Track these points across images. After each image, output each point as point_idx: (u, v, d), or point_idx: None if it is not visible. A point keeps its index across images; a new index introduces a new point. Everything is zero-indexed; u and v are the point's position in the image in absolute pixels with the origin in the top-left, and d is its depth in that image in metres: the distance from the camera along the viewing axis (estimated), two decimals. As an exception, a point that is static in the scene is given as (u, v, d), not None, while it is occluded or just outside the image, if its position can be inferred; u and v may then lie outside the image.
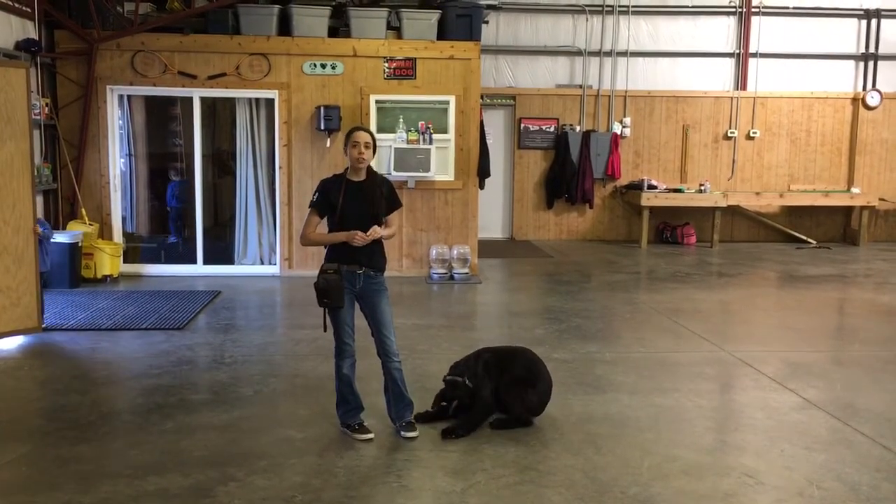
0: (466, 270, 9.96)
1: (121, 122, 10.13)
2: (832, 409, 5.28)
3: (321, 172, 9.86)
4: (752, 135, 14.00)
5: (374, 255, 4.68)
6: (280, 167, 9.98)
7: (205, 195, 10.24)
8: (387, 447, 4.58)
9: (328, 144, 9.90)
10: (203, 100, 10.03)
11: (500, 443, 4.62)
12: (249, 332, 7.35)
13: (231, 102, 10.23)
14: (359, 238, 4.55)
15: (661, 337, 7.22)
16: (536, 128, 13.79)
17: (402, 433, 4.69)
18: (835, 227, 14.23)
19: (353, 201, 4.62)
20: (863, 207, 13.67)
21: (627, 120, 13.83)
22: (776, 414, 5.21)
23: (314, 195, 4.71)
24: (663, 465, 4.33)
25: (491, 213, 13.60)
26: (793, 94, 14.02)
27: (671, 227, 13.76)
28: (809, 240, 13.77)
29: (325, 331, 4.67)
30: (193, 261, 10.20)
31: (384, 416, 4.87)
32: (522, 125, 13.77)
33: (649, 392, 5.63)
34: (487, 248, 11.99)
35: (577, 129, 13.73)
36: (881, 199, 13.83)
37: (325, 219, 4.75)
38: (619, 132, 13.79)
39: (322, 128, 9.72)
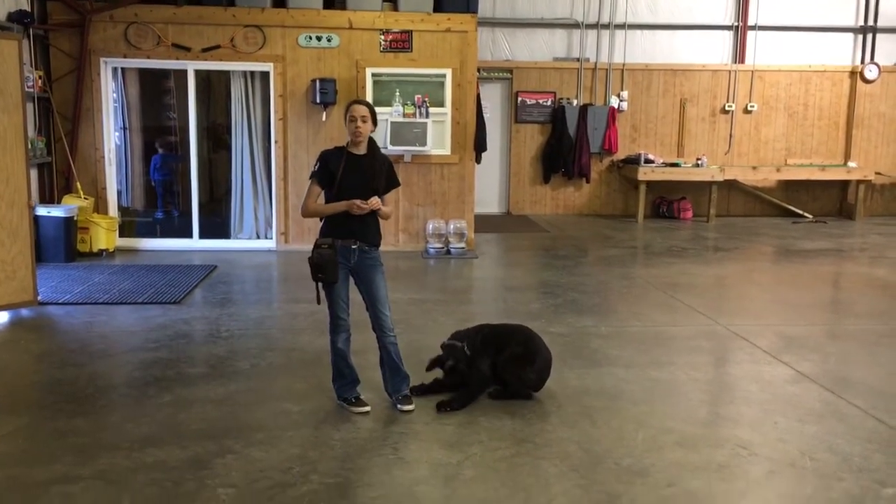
0: (463, 245, 9.96)
1: (115, 95, 10.06)
2: (826, 381, 5.32)
3: (317, 146, 9.85)
4: (749, 109, 13.96)
5: (369, 229, 4.67)
6: (276, 141, 9.94)
7: (200, 169, 10.21)
8: (383, 420, 4.61)
9: (324, 118, 9.85)
10: (197, 72, 9.96)
11: (496, 416, 4.65)
12: (246, 306, 7.36)
13: (226, 75, 10.16)
14: (357, 206, 4.52)
15: (657, 311, 7.24)
16: (533, 101, 13.72)
17: (399, 406, 4.71)
18: (831, 202, 14.24)
19: (353, 174, 4.60)
20: (859, 181, 13.67)
21: (625, 94, 13.76)
22: (770, 387, 5.24)
23: (315, 165, 4.69)
24: (658, 438, 4.36)
25: (487, 188, 13.58)
26: (791, 67, 13.96)
27: (668, 201, 13.75)
28: (806, 214, 13.78)
29: (318, 303, 4.68)
30: (189, 235, 10.19)
31: (381, 389, 4.89)
32: (519, 99, 13.70)
33: (644, 365, 5.65)
34: (484, 223, 11.98)
35: (575, 102, 13.67)
36: (877, 174, 13.83)
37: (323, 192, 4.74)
38: (616, 106, 13.73)
39: (318, 101, 9.67)
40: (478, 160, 11.02)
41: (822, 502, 3.70)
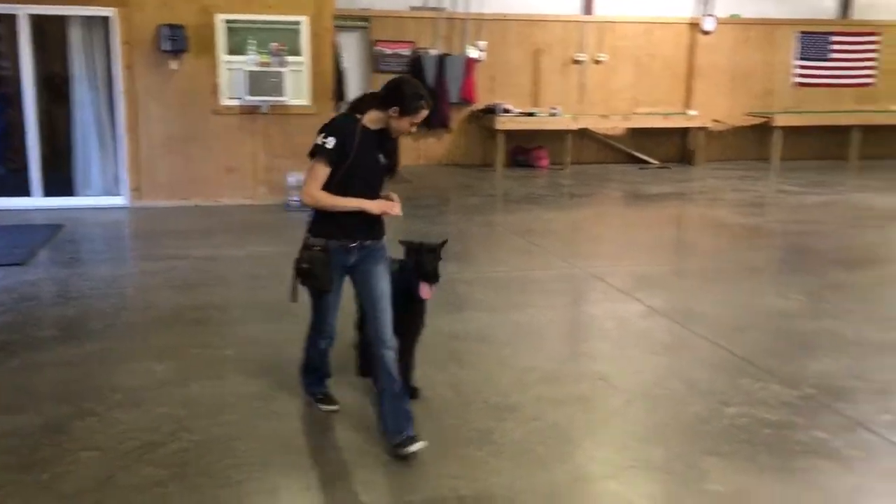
0: (325, 197, 9.83)
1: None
2: (674, 315, 5.69)
3: (168, 97, 9.41)
4: (599, 59, 14.42)
5: (377, 221, 3.79)
6: (122, 91, 9.38)
7: (40, 123, 9.48)
8: (254, 373, 4.54)
9: (175, 66, 9.37)
10: (31, 17, 9.20)
11: (366, 363, 4.68)
12: (96, 265, 7.02)
13: (63, 21, 9.44)
14: (388, 208, 3.69)
15: (517, 256, 7.48)
16: (392, 51, 13.60)
17: (403, 451, 3.54)
18: (674, 148, 15.02)
19: (368, 153, 3.66)
20: (698, 129, 14.48)
21: (482, 44, 13.87)
22: (624, 323, 5.56)
23: (325, 138, 3.58)
24: (522, 376, 4.55)
25: (347, 139, 13.40)
26: (636, 18, 14.48)
27: (525, 150, 14.08)
28: (652, 160, 14.48)
29: (293, 300, 3.85)
30: (29, 193, 9.50)
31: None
32: (377, 48, 13.55)
33: (507, 309, 5.84)
34: (345, 174, 11.86)
35: (433, 52, 13.66)
36: (715, 121, 14.67)
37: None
38: (474, 56, 13.83)
39: (167, 49, 9.18)
40: (338, 110, 10.86)
41: (674, 425, 4.00)
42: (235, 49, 9.55)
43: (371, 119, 3.66)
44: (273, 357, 4.78)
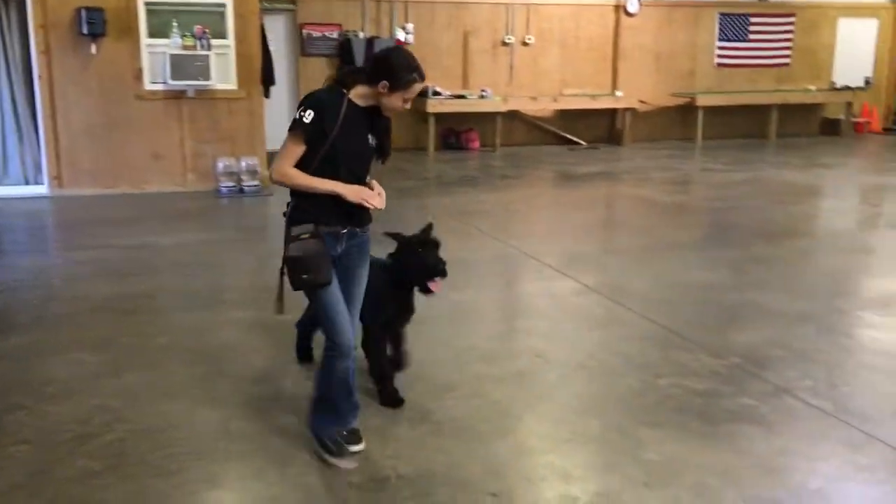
0: (257, 183, 9.68)
1: None
2: (606, 291, 5.82)
3: (89, 82, 9.11)
4: (527, 41, 14.53)
5: (362, 207, 3.33)
6: (39, 76, 9.03)
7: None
8: (189, 362, 4.48)
9: (93, 51, 9.06)
10: (-63, -1, 8.79)
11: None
12: (20, 256, 6.79)
13: (-28, 2, 9.04)
14: (367, 200, 3.24)
15: (452, 238, 7.48)
16: (320, 34, 13.44)
17: (346, 446, 3.41)
18: (602, 129, 15.26)
19: (355, 132, 3.24)
20: (625, 109, 14.76)
21: (410, 26, 13.81)
22: (559, 300, 5.66)
23: (303, 112, 3.14)
24: (462, 355, 4.60)
25: (279, 124, 13.06)
26: (562, 1, 14.63)
27: (456, 132, 14.13)
28: (580, 141, 14.70)
29: (279, 311, 3.37)
30: (-59, 183, 9.11)
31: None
32: (305, 31, 13.37)
33: (445, 289, 5.83)
34: (275, 159, 11.71)
35: (361, 35, 13.55)
36: (641, 102, 14.97)
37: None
38: (402, 39, 13.77)
39: (85, 32, 8.87)
40: (266, 94, 10.70)
41: (609, 398, 4.11)
42: (158, 32, 9.28)
43: (359, 94, 3.24)
44: (207, 344, 4.72)
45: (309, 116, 3.13)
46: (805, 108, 15.79)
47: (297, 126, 3.15)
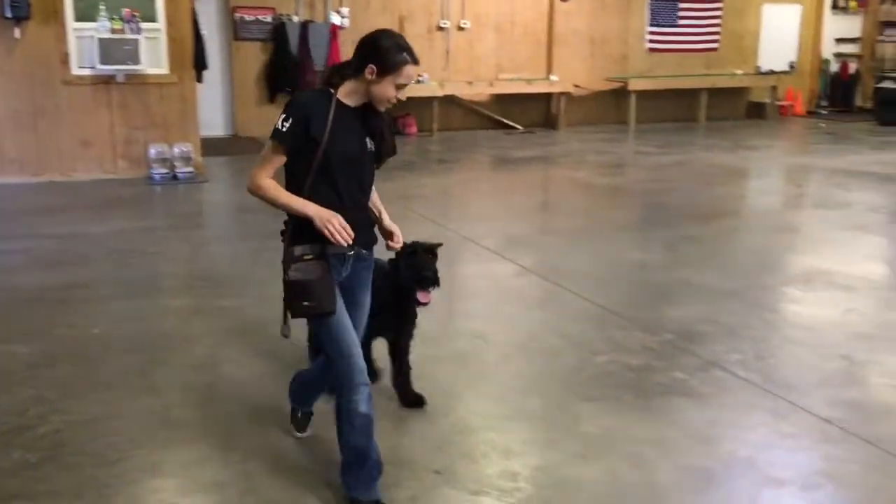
0: (191, 169, 9.51)
1: None
2: (544, 272, 5.93)
3: (12, 68, 8.82)
4: (462, 26, 14.55)
5: (368, 223, 3.12)
6: (-43, 61, 8.71)
7: None
8: (127, 350, 4.42)
9: (17, 35, 8.75)
10: None
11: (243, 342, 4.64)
12: (-57, 248, 6.55)
13: None
14: (338, 231, 2.79)
15: (393, 222, 7.53)
16: (252, 18, 13.21)
17: (294, 430, 3.51)
18: (538, 113, 15.41)
19: (348, 135, 2.90)
20: (560, 94, 14.93)
21: (345, 10, 13.70)
22: (498, 281, 5.75)
23: (285, 118, 2.83)
24: (403, 337, 4.64)
25: (212, 109, 12.97)
26: (498, -15, 14.70)
27: (393, 117, 14.09)
28: (517, 125, 14.82)
29: (285, 335, 3.05)
30: None
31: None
32: (237, 15, 13.13)
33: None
34: (211, 146, 11.48)
35: (295, 19, 13.38)
36: (575, 86, 15.15)
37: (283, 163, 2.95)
38: (338, 23, 13.65)
39: (9, 15, 8.56)
40: (199, 79, 10.52)
41: (549, 376, 4.21)
42: (84, 15, 9.01)
43: (347, 92, 2.90)
44: (144, 333, 4.66)
45: (286, 124, 2.82)
46: (732, 92, 16.21)
47: (274, 135, 2.86)
